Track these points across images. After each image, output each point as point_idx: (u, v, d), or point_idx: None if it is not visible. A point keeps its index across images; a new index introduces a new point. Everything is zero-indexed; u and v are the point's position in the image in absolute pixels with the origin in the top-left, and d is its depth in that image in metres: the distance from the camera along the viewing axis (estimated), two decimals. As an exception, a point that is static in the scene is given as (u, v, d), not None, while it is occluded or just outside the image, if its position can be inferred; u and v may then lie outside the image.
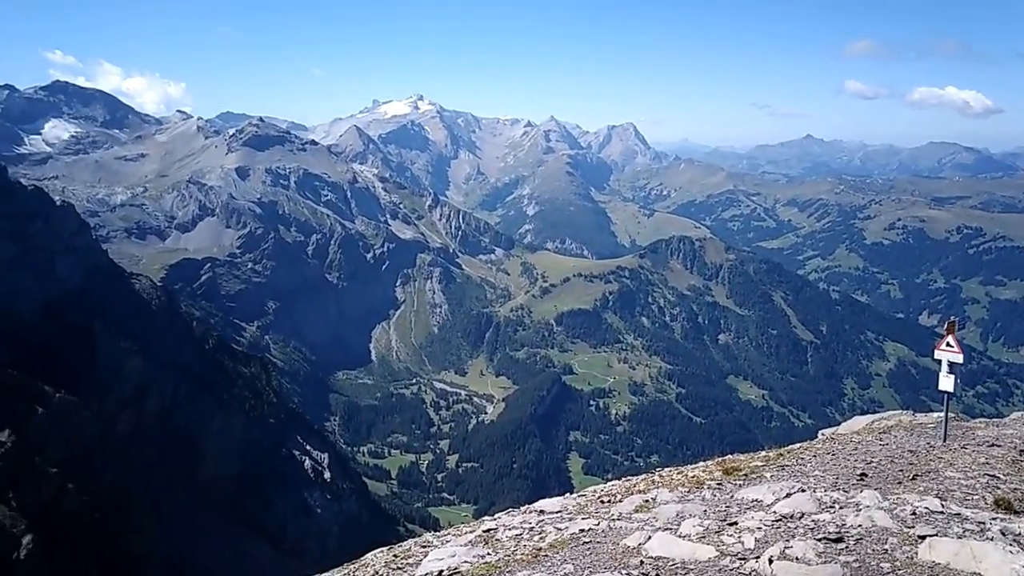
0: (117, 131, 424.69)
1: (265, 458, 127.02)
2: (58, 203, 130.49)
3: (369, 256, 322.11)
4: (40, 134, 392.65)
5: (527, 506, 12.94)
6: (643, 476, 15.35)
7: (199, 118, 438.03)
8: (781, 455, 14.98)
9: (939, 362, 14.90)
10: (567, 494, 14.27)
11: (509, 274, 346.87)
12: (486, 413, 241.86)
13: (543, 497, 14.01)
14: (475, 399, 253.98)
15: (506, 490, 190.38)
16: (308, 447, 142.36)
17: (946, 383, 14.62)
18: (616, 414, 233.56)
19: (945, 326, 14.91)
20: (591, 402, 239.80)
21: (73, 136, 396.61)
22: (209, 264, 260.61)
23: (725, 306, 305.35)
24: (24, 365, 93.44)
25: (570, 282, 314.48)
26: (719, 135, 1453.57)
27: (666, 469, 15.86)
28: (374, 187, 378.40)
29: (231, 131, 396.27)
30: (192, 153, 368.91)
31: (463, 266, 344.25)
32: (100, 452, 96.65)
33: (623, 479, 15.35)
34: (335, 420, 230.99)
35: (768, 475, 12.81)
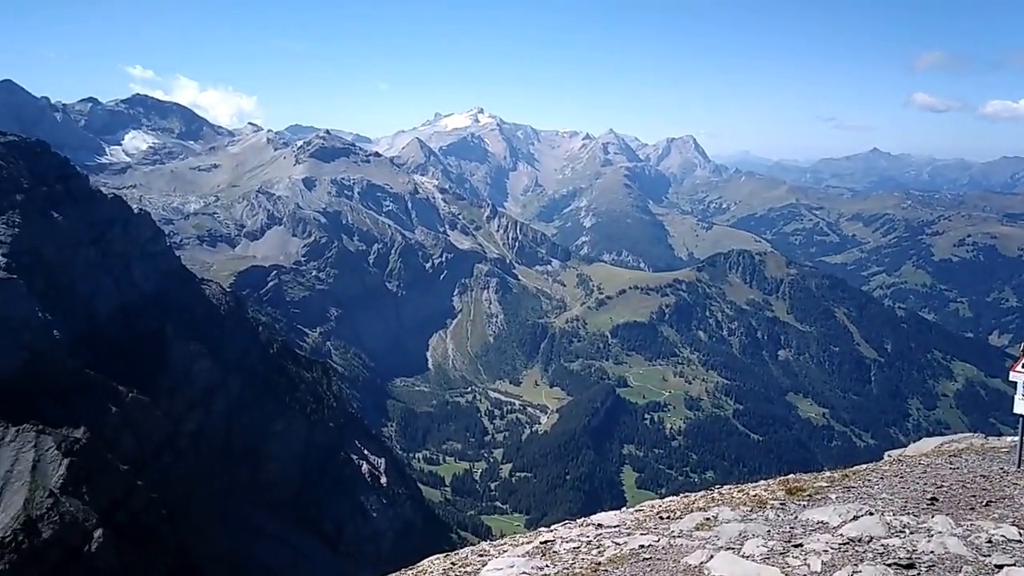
0: (192, 142, 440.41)
1: (324, 461, 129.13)
2: (136, 211, 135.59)
3: (428, 266, 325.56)
4: (120, 145, 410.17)
5: (583, 519, 12.90)
6: (702, 493, 15.14)
7: (269, 130, 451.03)
8: (846, 476, 14.64)
9: (1013, 384, 14.37)
10: (623, 508, 14.14)
11: (565, 285, 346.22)
12: (540, 423, 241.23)
13: (596, 509, 13.96)
14: (529, 409, 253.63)
15: (559, 501, 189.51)
16: (366, 452, 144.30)
17: (1021, 406, 14.10)
18: (671, 428, 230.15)
19: (1021, 348, 14.39)
20: (646, 416, 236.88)
21: (151, 147, 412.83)
22: (275, 271, 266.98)
23: (785, 321, 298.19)
24: (100, 365, 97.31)
25: (626, 294, 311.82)
26: (781, 148, 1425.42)
27: (725, 486, 15.62)
28: (434, 198, 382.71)
29: (299, 143, 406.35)
30: (262, 164, 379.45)
31: (519, 277, 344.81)
32: (168, 451, 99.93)
33: (681, 495, 15.17)
34: (392, 426, 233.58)
35: (833, 496, 12.53)
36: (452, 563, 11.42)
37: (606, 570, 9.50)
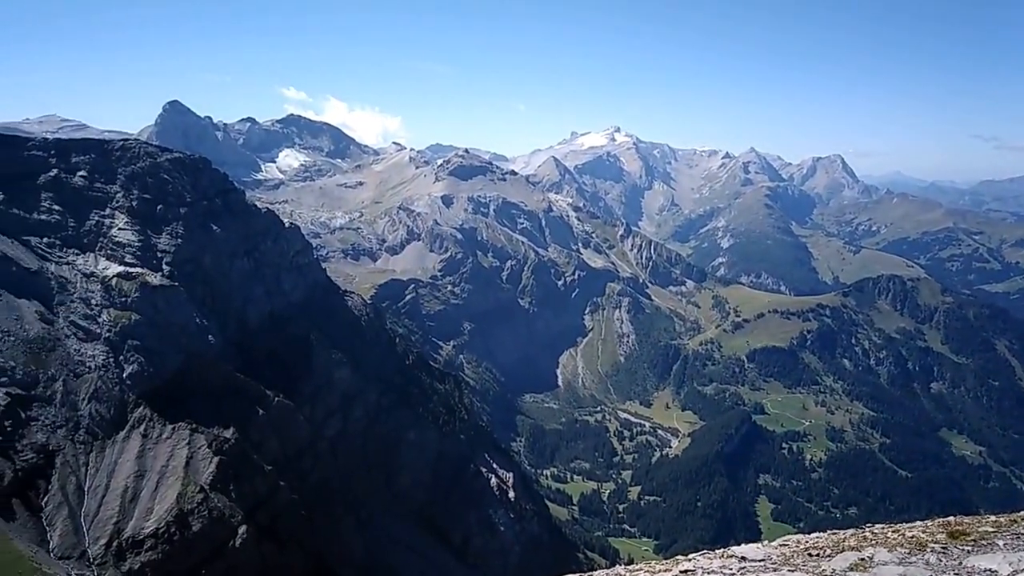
0: (340, 160, 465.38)
1: (455, 472, 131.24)
2: (287, 225, 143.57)
3: (560, 283, 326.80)
4: (275, 162, 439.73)
5: (723, 550, 12.03)
6: (852, 531, 14.20)
7: (411, 149, 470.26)
8: (1015, 521, 13.72)
9: None
10: (764, 541, 13.19)
11: (700, 307, 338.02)
12: (670, 447, 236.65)
13: (729, 539, 13.12)
14: (660, 432, 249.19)
15: (688, 528, 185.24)
16: (495, 465, 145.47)
17: None
18: (811, 460, 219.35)
19: None
20: (783, 445, 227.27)
21: (302, 164, 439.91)
22: (413, 285, 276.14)
23: (939, 352, 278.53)
24: (250, 370, 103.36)
25: (764, 318, 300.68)
26: (936, 168, 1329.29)
27: (877, 525, 14.55)
28: (568, 216, 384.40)
29: (439, 161, 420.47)
30: (404, 181, 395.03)
31: (652, 297, 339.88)
32: (309, 454, 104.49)
33: (829, 532, 14.27)
34: (520, 441, 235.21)
35: (1001, 543, 11.57)
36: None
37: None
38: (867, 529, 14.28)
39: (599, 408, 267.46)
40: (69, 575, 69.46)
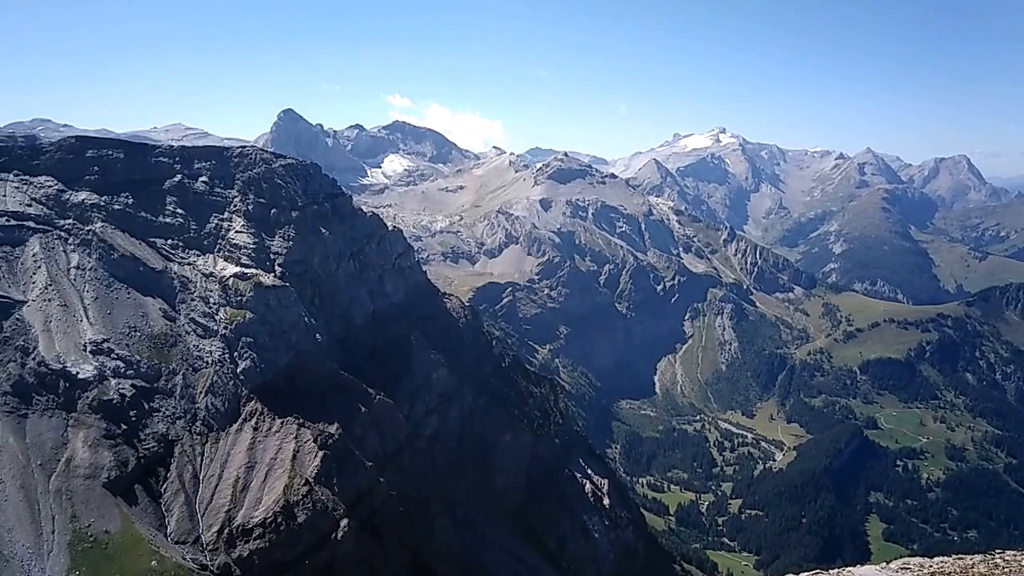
0: (442, 165, 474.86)
1: (549, 476, 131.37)
2: (390, 228, 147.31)
3: (659, 288, 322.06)
4: (380, 167, 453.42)
5: (837, 570, 11.83)
6: (979, 557, 13.63)
7: (511, 153, 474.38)
8: None
9: None
10: (884, 563, 12.88)
11: (808, 315, 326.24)
12: (774, 460, 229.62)
13: (836, 558, 12.93)
14: (763, 444, 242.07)
15: (792, 544, 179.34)
16: (589, 471, 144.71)
17: None
18: (928, 479, 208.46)
19: None
20: (897, 462, 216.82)
21: (406, 169, 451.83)
22: (510, 288, 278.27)
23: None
24: (353, 368, 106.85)
25: (879, 328, 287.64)
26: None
27: (1009, 552, 13.86)
28: (668, 220, 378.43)
29: (538, 165, 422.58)
30: (503, 185, 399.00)
31: (757, 303, 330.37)
32: (408, 452, 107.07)
33: (954, 556, 13.69)
34: (616, 448, 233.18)
35: None
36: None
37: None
38: (997, 555, 13.72)
39: (698, 417, 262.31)
40: (184, 559, 73.58)
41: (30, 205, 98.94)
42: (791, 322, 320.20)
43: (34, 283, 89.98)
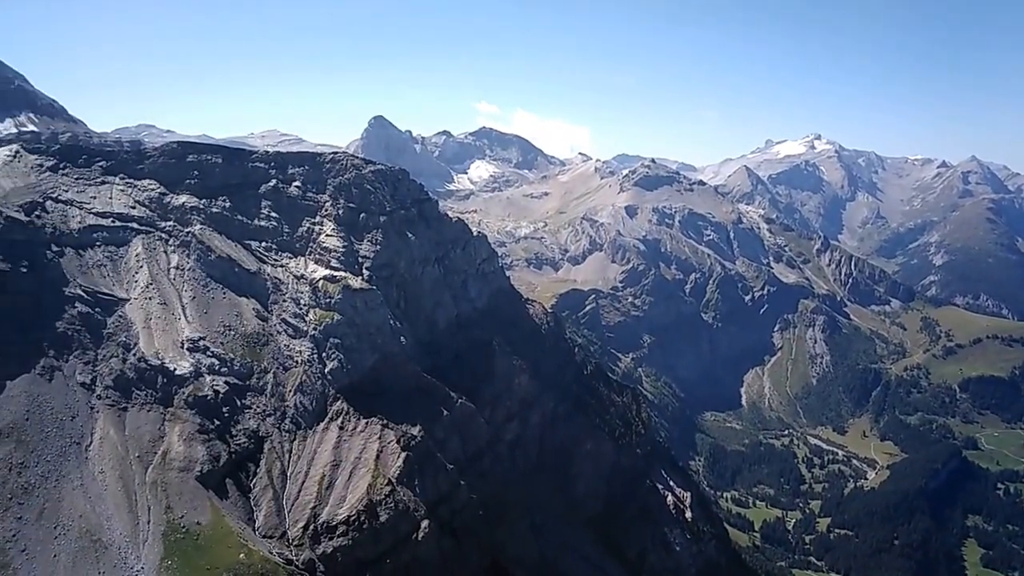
0: (527, 171, 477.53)
1: (630, 486, 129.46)
2: (475, 233, 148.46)
3: (747, 298, 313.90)
4: (466, 173, 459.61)
5: None
6: None
7: (597, 160, 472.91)
8: None
9: None
10: None
11: (905, 329, 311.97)
12: (866, 478, 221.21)
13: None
14: (854, 461, 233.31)
15: (883, 567, 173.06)
16: (672, 483, 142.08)
17: None
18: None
19: None
20: (999, 485, 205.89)
21: (492, 175, 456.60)
22: (593, 295, 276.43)
23: None
24: (436, 371, 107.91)
25: (982, 344, 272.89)
26: None
27: None
28: (759, 228, 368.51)
29: (624, 172, 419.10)
30: (588, 192, 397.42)
31: (851, 316, 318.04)
32: (488, 456, 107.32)
33: None
34: (699, 460, 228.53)
35: None
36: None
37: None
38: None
39: (786, 432, 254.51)
40: (271, 553, 75.54)
41: (134, 207, 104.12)
42: (887, 336, 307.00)
43: (136, 282, 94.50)
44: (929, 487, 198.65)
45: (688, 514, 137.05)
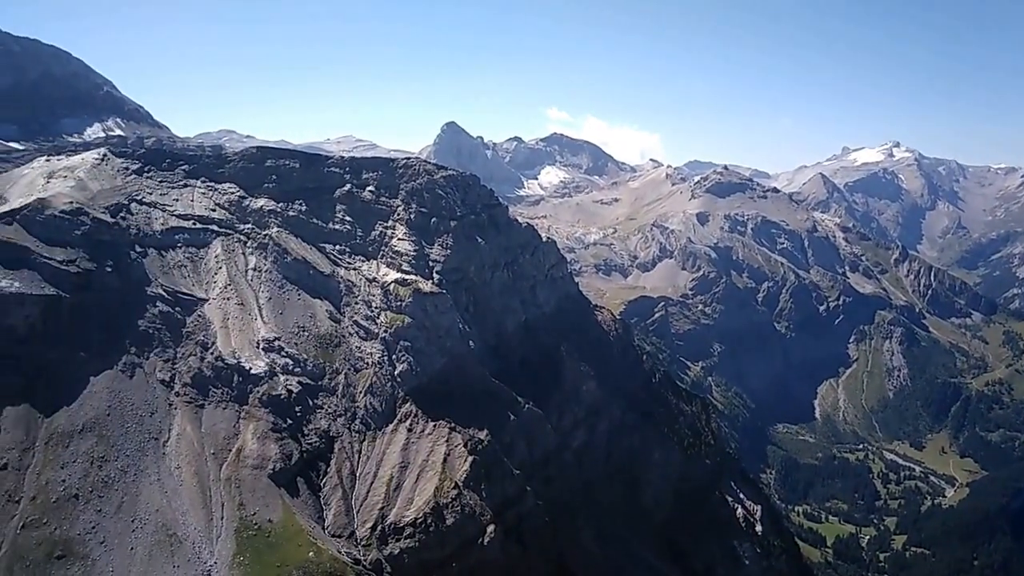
0: (597, 177, 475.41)
1: (698, 497, 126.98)
2: (544, 239, 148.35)
3: (822, 308, 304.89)
4: (536, 179, 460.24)
5: None
6: None
7: (668, 166, 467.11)
8: None
9: None
10: None
11: (987, 343, 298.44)
12: (944, 496, 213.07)
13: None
14: (932, 478, 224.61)
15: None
16: (741, 495, 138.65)
17: None
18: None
19: None
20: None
21: (562, 181, 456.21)
22: (663, 303, 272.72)
23: None
24: (504, 376, 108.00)
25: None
26: None
27: None
28: (834, 237, 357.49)
29: (696, 178, 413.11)
30: (659, 198, 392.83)
31: (930, 328, 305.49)
32: (555, 462, 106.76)
33: None
34: (771, 473, 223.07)
35: None
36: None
37: None
38: None
39: (861, 446, 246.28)
40: (339, 552, 76.69)
41: (214, 210, 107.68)
42: (967, 350, 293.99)
43: (215, 283, 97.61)
44: (1011, 506, 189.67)
45: (758, 527, 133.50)
